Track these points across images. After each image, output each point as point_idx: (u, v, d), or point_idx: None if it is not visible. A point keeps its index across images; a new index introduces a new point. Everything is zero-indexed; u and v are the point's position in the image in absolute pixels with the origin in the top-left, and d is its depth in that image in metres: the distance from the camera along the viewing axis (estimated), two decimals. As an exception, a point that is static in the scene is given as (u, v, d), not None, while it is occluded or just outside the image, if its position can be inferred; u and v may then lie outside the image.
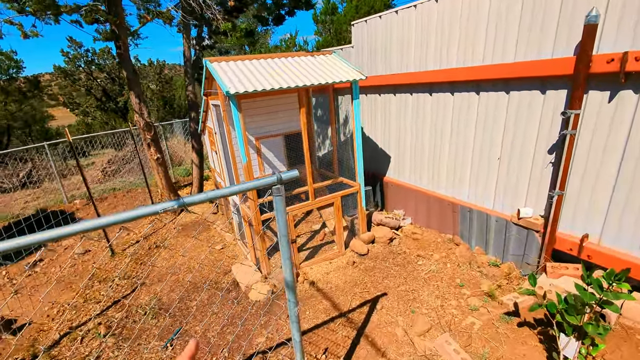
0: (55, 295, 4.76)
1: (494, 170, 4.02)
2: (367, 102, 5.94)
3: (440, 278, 4.03)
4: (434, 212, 4.94)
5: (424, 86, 4.69)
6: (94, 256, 5.84)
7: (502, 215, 3.99)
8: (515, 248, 3.87)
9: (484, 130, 4.02)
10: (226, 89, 3.49)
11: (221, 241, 5.73)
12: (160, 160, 6.66)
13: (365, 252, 4.75)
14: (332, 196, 4.57)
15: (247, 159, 3.84)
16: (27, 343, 3.79)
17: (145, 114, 6.31)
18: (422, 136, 4.94)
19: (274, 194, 1.77)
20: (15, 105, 19.85)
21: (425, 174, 5.04)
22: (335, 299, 3.91)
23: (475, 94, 4.03)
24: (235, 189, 1.66)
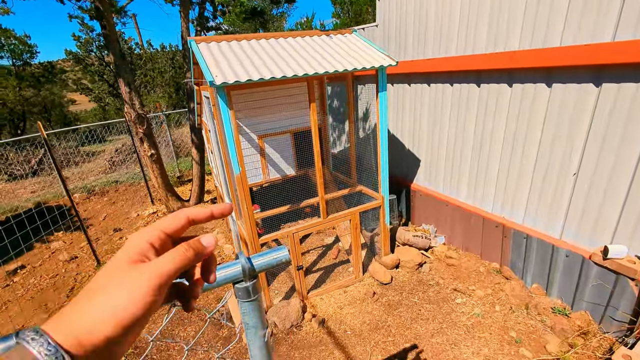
0: (28, 315, 4.12)
1: (566, 188, 3.02)
2: (393, 93, 4.94)
3: (488, 327, 3.11)
4: (475, 233, 3.98)
5: (469, 75, 3.67)
6: (80, 264, 5.20)
7: (576, 249, 3.00)
8: (594, 295, 2.90)
9: (555, 134, 3.00)
10: (211, 78, 2.61)
11: (219, 253, 4.96)
12: (155, 157, 5.90)
13: (388, 281, 3.86)
14: (348, 212, 3.68)
15: (240, 169, 2.98)
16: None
17: (136, 104, 5.52)
18: (463, 137, 3.94)
19: (239, 298, 0.90)
20: (32, 91, 19.65)
21: (466, 184, 4.06)
22: (351, 349, 3.06)
23: (546, 86, 2.99)
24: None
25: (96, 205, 8.04)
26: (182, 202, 6.62)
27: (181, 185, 8.71)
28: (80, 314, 0.34)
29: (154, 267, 0.38)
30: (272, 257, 0.89)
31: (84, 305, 0.35)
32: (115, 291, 0.36)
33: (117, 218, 6.96)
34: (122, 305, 0.35)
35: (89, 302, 0.35)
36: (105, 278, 0.37)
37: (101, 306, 0.35)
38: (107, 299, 0.35)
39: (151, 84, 17.93)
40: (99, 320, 0.34)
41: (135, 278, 0.37)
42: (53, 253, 5.74)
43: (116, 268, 0.38)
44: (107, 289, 0.36)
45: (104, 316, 0.34)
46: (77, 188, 9.26)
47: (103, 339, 0.33)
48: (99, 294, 0.36)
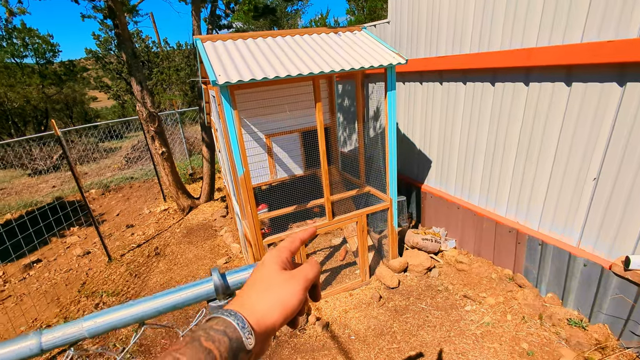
0: (40, 309, 4.23)
1: (585, 194, 2.85)
2: (404, 91, 4.81)
3: (499, 337, 2.98)
4: (488, 238, 3.83)
5: (484, 73, 3.51)
6: (92, 260, 5.31)
7: (595, 258, 2.83)
8: (614, 307, 2.73)
9: (575, 135, 2.83)
10: (214, 78, 2.58)
11: (226, 253, 4.97)
12: (165, 154, 5.96)
13: (395, 285, 3.77)
14: (354, 214, 3.59)
15: (244, 169, 2.94)
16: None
17: (148, 102, 5.58)
18: (476, 138, 3.78)
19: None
20: (55, 88, 20.28)
21: (478, 186, 3.91)
22: (354, 355, 2.99)
23: (565, 85, 2.82)
24: (120, 318, 0.76)
25: (111, 201, 8.22)
26: (192, 200, 6.68)
27: (193, 183, 8.80)
28: (258, 303, 0.45)
29: (302, 273, 0.50)
30: (248, 273, 0.83)
31: (259, 296, 0.46)
32: (281, 288, 0.47)
33: (130, 214, 7.09)
34: (287, 299, 0.46)
35: (264, 295, 0.46)
36: (269, 277, 0.49)
37: (273, 299, 0.46)
38: (277, 294, 0.46)
39: (167, 81, 18.21)
40: (272, 308, 0.45)
41: (291, 280, 0.48)
42: (68, 248, 5.89)
43: (274, 272, 0.50)
44: (275, 286, 0.47)
45: (275, 306, 0.45)
46: (94, 184, 9.50)
47: (271, 324, 0.44)
48: (270, 289, 0.47)
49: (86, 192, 8.87)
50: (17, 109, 17.46)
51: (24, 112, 18.23)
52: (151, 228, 6.17)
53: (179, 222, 6.23)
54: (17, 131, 18.05)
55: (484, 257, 3.95)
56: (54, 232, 6.28)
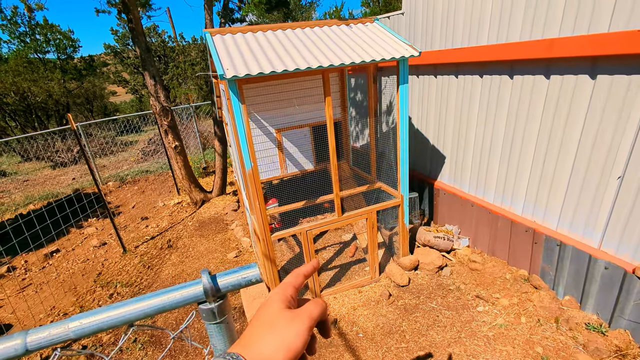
0: (58, 298, 4.37)
1: (608, 193, 2.69)
2: (418, 84, 4.68)
3: (512, 340, 2.88)
4: (503, 237, 3.70)
5: (502, 65, 3.36)
6: (108, 251, 5.45)
7: (617, 260, 2.68)
8: (637, 313, 2.59)
9: (599, 132, 2.67)
10: (221, 72, 2.55)
11: (237, 247, 5.00)
12: (178, 148, 6.02)
13: (405, 283, 3.70)
14: (364, 211, 3.53)
15: (252, 164, 2.92)
16: None
17: (161, 97, 5.64)
18: (493, 133, 3.64)
19: (203, 319, 0.82)
20: (76, 83, 20.82)
21: (494, 184, 3.77)
22: (362, 353, 2.96)
23: (590, 78, 2.66)
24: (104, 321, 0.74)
25: (127, 193, 8.41)
26: (204, 193, 6.75)
27: (207, 177, 8.90)
28: (262, 345, 0.45)
29: (307, 312, 0.50)
30: (240, 276, 0.81)
31: (263, 338, 0.46)
32: (285, 330, 0.46)
33: (145, 207, 7.23)
34: (291, 341, 0.45)
35: (268, 337, 0.46)
36: (273, 318, 0.49)
37: (277, 341, 0.45)
38: (280, 335, 0.46)
39: (182, 76, 18.41)
40: (275, 352, 0.44)
41: (295, 320, 0.48)
42: (86, 238, 6.07)
43: (278, 311, 0.49)
44: (279, 328, 0.47)
45: (279, 349, 0.44)
46: (111, 176, 9.74)
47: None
48: (274, 331, 0.47)
49: (104, 185, 9.11)
50: (40, 103, 18.04)
51: (47, 106, 18.81)
52: (165, 221, 6.28)
53: (192, 216, 6.31)
54: (40, 124, 18.68)
55: (498, 257, 3.83)
56: (72, 223, 6.48)
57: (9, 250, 5.41)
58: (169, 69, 19.73)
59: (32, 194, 8.92)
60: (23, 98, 17.66)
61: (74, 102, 21.12)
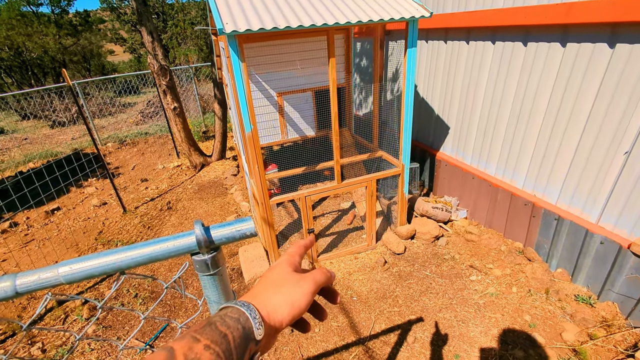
0: (60, 253, 4.47)
1: (613, 168, 2.65)
2: (427, 50, 4.48)
3: (502, 307, 2.97)
4: (501, 210, 3.71)
5: (516, 31, 3.19)
6: (108, 210, 5.50)
7: (614, 236, 2.70)
8: (627, 287, 2.64)
9: (611, 105, 2.58)
10: (220, 26, 2.41)
11: (236, 210, 5.04)
12: (177, 110, 5.90)
13: (401, 251, 3.76)
14: (364, 179, 3.51)
15: (252, 126, 2.85)
16: (15, 312, 3.50)
17: (159, 55, 5.43)
18: (500, 103, 3.54)
19: (197, 270, 0.81)
20: (71, 39, 20.07)
21: (497, 156, 3.72)
22: (355, 315, 3.06)
23: (608, 47, 2.53)
24: (95, 268, 0.73)
25: (127, 155, 8.36)
26: (204, 157, 6.70)
27: (206, 141, 8.81)
28: (270, 298, 0.49)
29: (312, 276, 0.54)
30: (234, 228, 0.78)
31: (271, 293, 0.50)
32: (292, 288, 0.51)
33: (144, 169, 7.22)
34: (296, 299, 0.50)
35: (275, 292, 0.50)
36: (281, 277, 0.53)
37: (283, 297, 0.49)
38: (287, 292, 0.50)
39: (182, 35, 17.70)
40: (282, 305, 0.48)
41: (301, 282, 0.52)
42: (86, 198, 6.10)
43: (286, 272, 0.54)
44: (286, 286, 0.51)
45: (285, 304, 0.49)
46: (110, 137, 9.65)
47: (279, 320, 0.48)
48: (282, 288, 0.51)
49: (103, 146, 9.04)
50: (35, 60, 17.49)
51: (43, 62, 18.26)
52: (164, 183, 6.28)
53: (191, 179, 6.31)
54: (37, 82, 18.25)
55: (495, 229, 3.86)
56: (72, 182, 6.50)
57: (10, 207, 5.46)
58: (168, 28, 18.91)
59: (32, 152, 8.88)
60: (18, 53, 17.10)
61: (70, 59, 20.47)
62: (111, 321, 3.25)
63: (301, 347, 2.79)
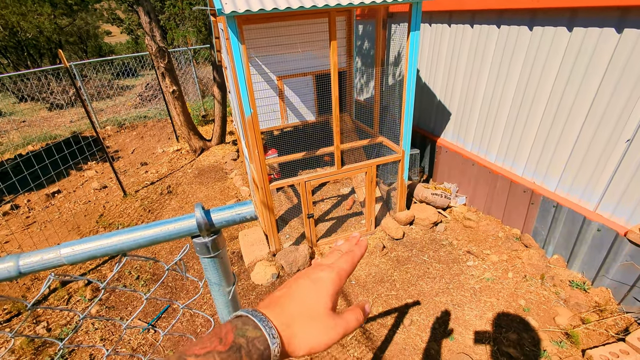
0: (62, 236, 4.51)
1: (614, 156, 2.65)
2: (430, 33, 4.40)
3: (497, 292, 3.02)
4: (500, 197, 3.72)
5: (522, 14, 3.12)
6: (109, 194, 5.52)
7: (611, 224, 2.72)
8: (621, 273, 2.68)
9: (615, 91, 2.55)
10: (219, 6, 2.36)
11: (236, 195, 5.06)
12: (176, 93, 5.83)
13: (399, 237, 3.79)
14: (364, 164, 3.51)
15: (252, 110, 2.83)
16: (19, 292, 3.56)
17: (157, 36, 5.33)
18: (503, 90, 3.50)
19: (197, 253, 0.82)
20: (67, 19, 19.62)
21: (498, 143, 3.71)
22: (353, 299, 3.12)
23: (616, 32, 2.48)
24: (99, 248, 0.73)
25: (126, 138, 8.32)
26: (204, 141, 6.67)
27: (206, 125, 8.75)
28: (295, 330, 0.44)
29: (343, 326, 0.47)
30: (234, 212, 0.78)
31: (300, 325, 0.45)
32: (320, 333, 0.45)
33: (144, 153, 7.20)
34: (317, 344, 0.45)
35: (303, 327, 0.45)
36: (317, 313, 0.46)
37: (307, 337, 0.45)
38: (313, 335, 0.45)
39: (180, 16, 17.29)
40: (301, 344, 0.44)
41: (332, 330, 0.46)
42: (86, 181, 6.11)
43: (324, 309, 0.47)
44: (317, 327, 0.45)
45: (306, 344, 0.44)
46: (109, 120, 9.57)
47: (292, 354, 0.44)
48: (312, 327, 0.45)
49: (102, 129, 8.98)
50: (31, 40, 17.15)
51: (38, 43, 17.91)
52: (164, 167, 6.28)
53: (191, 163, 6.30)
54: (33, 63, 17.95)
55: (493, 216, 3.89)
56: (72, 166, 6.49)
57: (10, 189, 5.47)
58: (166, 8, 18.46)
59: (30, 135, 8.83)
60: (13, 34, 16.74)
61: (66, 40, 20.08)
62: (114, 302, 3.31)
63: (300, 328, 2.85)
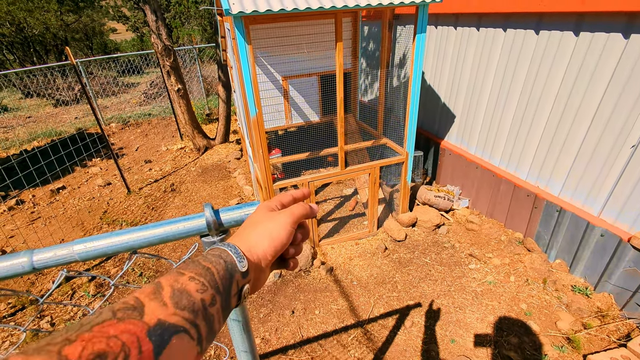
0: (66, 231, 4.55)
1: (619, 161, 2.64)
2: (435, 36, 4.40)
3: (499, 296, 3.02)
4: (503, 200, 3.72)
5: (528, 18, 3.12)
6: (113, 191, 5.56)
7: (614, 229, 2.71)
8: (624, 279, 2.67)
9: (622, 96, 2.55)
10: (227, 6, 2.37)
11: (239, 194, 5.08)
12: (181, 92, 5.86)
13: (401, 238, 3.80)
14: (367, 166, 3.52)
15: (257, 110, 2.85)
16: (24, 287, 3.60)
17: (163, 35, 5.35)
18: (508, 93, 3.49)
19: (204, 251, 0.83)
20: (73, 16, 19.75)
21: (502, 147, 3.70)
22: (354, 299, 3.12)
23: (623, 37, 2.48)
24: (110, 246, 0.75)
25: (130, 135, 8.36)
26: (207, 140, 6.70)
27: (210, 123, 8.78)
28: (248, 235, 0.52)
29: (289, 210, 0.55)
30: (242, 212, 0.79)
31: (250, 231, 0.52)
32: (269, 222, 0.53)
33: (148, 150, 7.23)
34: (275, 230, 0.52)
35: (253, 229, 0.52)
36: (258, 217, 0.55)
37: (261, 231, 0.52)
38: (264, 226, 0.52)
39: (185, 14, 17.35)
40: (261, 239, 0.51)
41: (278, 215, 0.54)
42: (90, 178, 6.15)
43: (262, 213, 0.56)
44: (263, 222, 0.53)
45: (264, 236, 0.51)
46: (114, 117, 9.62)
47: (261, 252, 0.50)
48: (259, 224, 0.53)
49: (106, 126, 9.03)
50: (37, 36, 17.27)
51: (45, 39, 18.03)
52: (168, 165, 6.31)
53: (195, 161, 6.33)
54: (39, 59, 18.07)
55: (496, 219, 3.88)
56: (77, 162, 6.54)
57: (16, 184, 5.52)
58: (171, 6, 18.51)
59: (36, 130, 8.89)
60: (20, 30, 16.86)
61: (72, 37, 20.20)
62: (117, 298, 3.34)
63: (301, 327, 2.87)
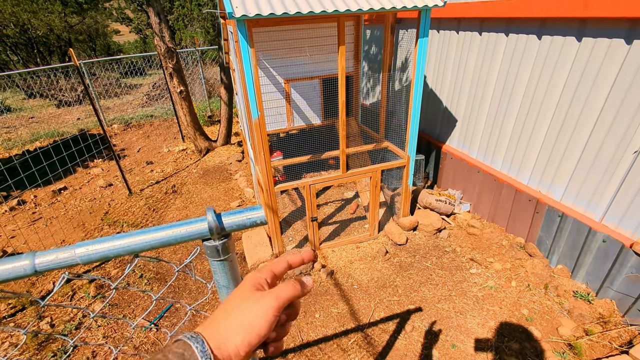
0: (67, 232, 4.55)
1: (621, 167, 2.63)
2: (437, 40, 4.41)
3: (500, 301, 3.01)
4: (504, 205, 3.71)
5: (531, 23, 3.12)
6: (114, 192, 5.56)
7: (617, 235, 2.70)
8: (626, 285, 2.66)
9: (624, 101, 2.55)
10: (230, 10, 2.38)
11: (240, 196, 5.08)
12: (184, 93, 5.88)
13: (402, 242, 3.79)
14: (369, 169, 3.51)
15: (259, 113, 2.85)
16: (24, 288, 3.59)
17: (166, 37, 5.38)
18: (510, 98, 3.49)
19: (207, 256, 0.83)
20: (77, 18, 19.86)
21: (504, 151, 3.70)
22: (355, 303, 3.11)
23: (625, 43, 2.48)
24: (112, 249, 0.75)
25: (132, 137, 8.39)
26: (209, 142, 6.71)
27: (211, 125, 8.80)
28: (222, 324, 0.44)
29: (274, 293, 0.47)
30: (244, 216, 0.79)
31: (225, 317, 0.45)
32: (248, 309, 0.45)
33: (149, 152, 7.25)
34: (253, 321, 0.44)
35: (229, 316, 0.45)
36: (236, 300, 0.47)
37: (237, 320, 0.44)
38: (242, 315, 0.44)
39: (189, 17, 17.44)
40: (235, 332, 0.43)
41: (261, 300, 0.46)
42: (92, 178, 6.16)
43: (245, 291, 0.47)
44: (242, 307, 0.45)
45: (239, 329, 0.43)
46: (116, 119, 9.66)
47: (233, 349, 0.42)
48: (237, 310, 0.45)
49: (108, 127, 9.06)
50: (41, 38, 17.38)
51: (48, 41, 18.15)
52: (169, 166, 6.32)
53: (196, 163, 6.34)
54: (42, 60, 18.18)
55: (497, 224, 3.87)
56: (78, 163, 6.55)
57: (18, 185, 5.53)
58: (174, 8, 18.61)
59: (38, 131, 8.93)
60: (24, 31, 16.98)
61: (75, 38, 20.33)
62: (117, 300, 3.34)
63: (301, 331, 2.86)
